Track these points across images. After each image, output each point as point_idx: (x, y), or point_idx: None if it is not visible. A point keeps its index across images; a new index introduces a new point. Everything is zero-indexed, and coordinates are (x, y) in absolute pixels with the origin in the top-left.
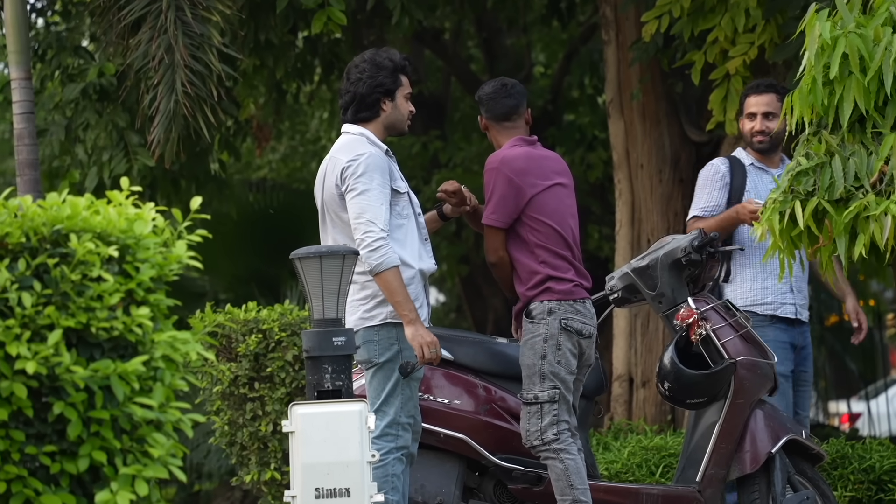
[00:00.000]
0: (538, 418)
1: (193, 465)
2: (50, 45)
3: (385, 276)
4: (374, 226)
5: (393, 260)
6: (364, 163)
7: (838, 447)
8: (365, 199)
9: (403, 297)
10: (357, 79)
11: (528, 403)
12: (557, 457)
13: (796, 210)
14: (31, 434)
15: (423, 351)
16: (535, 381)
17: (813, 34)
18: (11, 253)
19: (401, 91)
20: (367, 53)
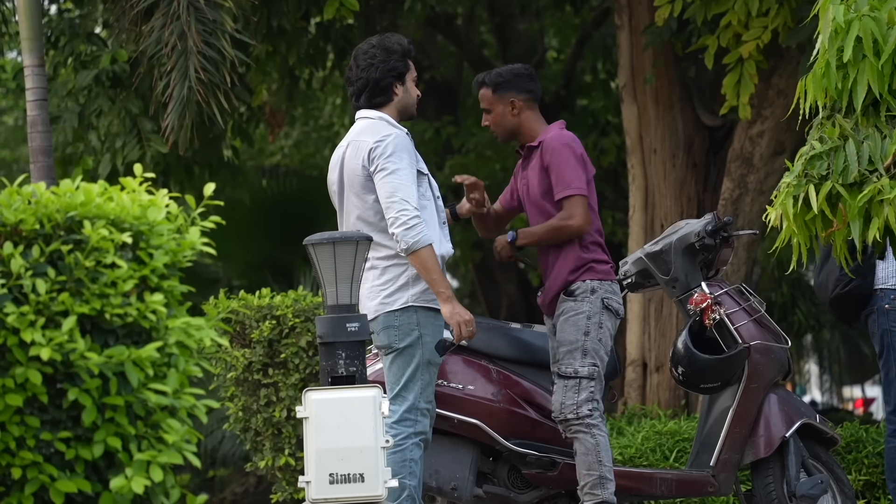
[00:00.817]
0: (575, 392)
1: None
2: (63, 31)
3: (421, 253)
4: (407, 204)
5: (428, 238)
6: (392, 143)
7: (852, 431)
8: (396, 178)
9: (439, 274)
10: (368, 64)
11: (565, 377)
12: (589, 431)
13: (810, 194)
14: (45, 420)
15: (461, 329)
16: (576, 356)
17: (826, 17)
18: (25, 240)
19: (409, 75)
20: (374, 39)
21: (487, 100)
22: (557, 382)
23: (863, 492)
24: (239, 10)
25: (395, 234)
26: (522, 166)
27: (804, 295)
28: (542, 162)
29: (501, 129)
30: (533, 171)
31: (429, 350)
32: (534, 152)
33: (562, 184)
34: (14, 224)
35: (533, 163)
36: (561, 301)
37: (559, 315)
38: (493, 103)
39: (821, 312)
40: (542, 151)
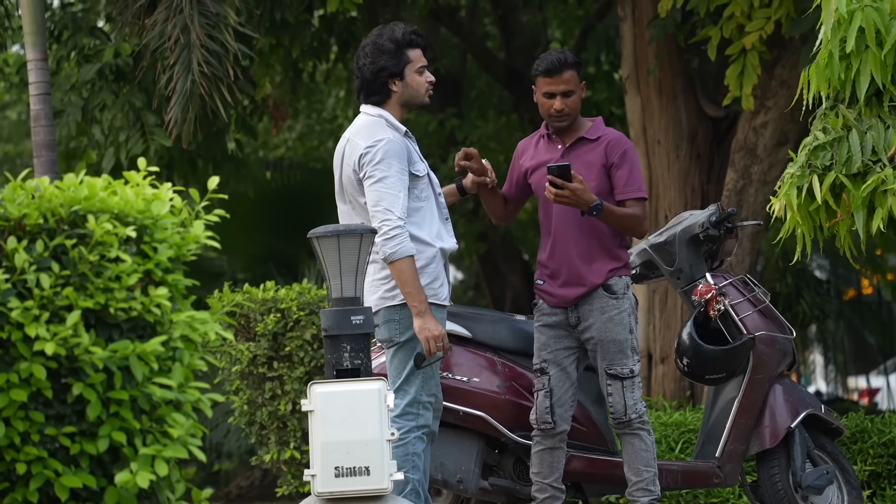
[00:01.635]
0: (631, 391)
1: (213, 444)
2: (66, 25)
3: (399, 265)
4: (391, 214)
5: (407, 249)
6: (382, 149)
7: (857, 421)
8: (383, 187)
9: (415, 287)
10: (362, 64)
11: (622, 378)
12: (645, 428)
13: (814, 184)
14: (50, 415)
15: (430, 345)
16: (627, 354)
17: (829, 8)
18: (29, 234)
19: (410, 67)
20: (373, 34)
21: (574, 81)
22: (613, 384)
23: (868, 482)
24: (242, 3)
25: (375, 243)
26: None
27: (809, 285)
28: (605, 158)
29: (576, 115)
30: (585, 162)
31: None
32: (586, 144)
33: (635, 184)
34: (18, 218)
35: (586, 155)
36: (598, 297)
37: (597, 312)
38: (577, 86)
39: (825, 302)
40: (611, 146)
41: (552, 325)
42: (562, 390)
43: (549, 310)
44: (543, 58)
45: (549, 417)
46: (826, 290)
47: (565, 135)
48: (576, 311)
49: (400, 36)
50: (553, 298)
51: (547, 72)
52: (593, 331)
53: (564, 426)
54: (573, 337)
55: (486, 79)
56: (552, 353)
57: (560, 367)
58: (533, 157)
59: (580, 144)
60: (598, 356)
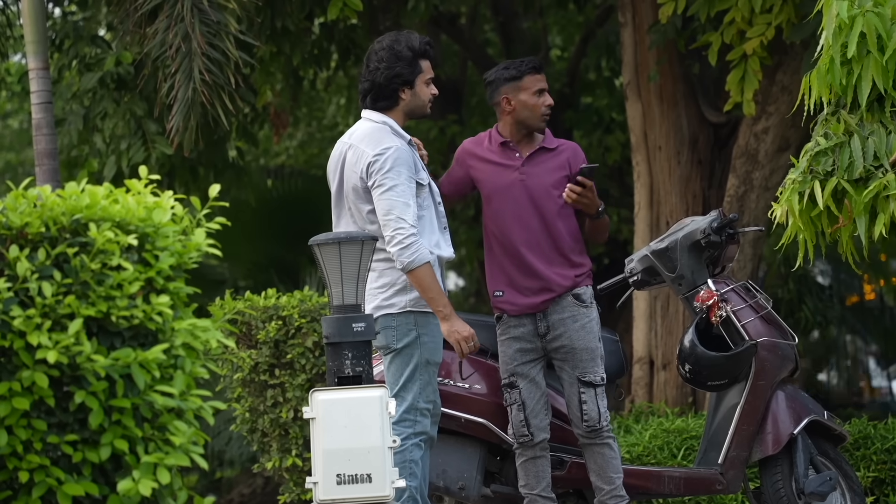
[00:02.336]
0: (603, 399)
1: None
2: (67, 34)
3: (417, 272)
4: (404, 222)
5: (424, 256)
6: (391, 157)
7: (860, 427)
8: (394, 195)
9: (437, 292)
10: (375, 68)
11: (594, 385)
12: (612, 435)
13: (816, 190)
14: (52, 423)
15: (461, 346)
16: (597, 362)
17: (830, 14)
18: (31, 243)
19: (420, 77)
20: (387, 39)
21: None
22: (587, 391)
23: (871, 488)
24: (243, 12)
25: (391, 252)
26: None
27: (811, 291)
28: (569, 167)
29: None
30: (545, 171)
31: (427, 350)
32: (546, 154)
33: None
34: (20, 227)
35: (547, 164)
36: (568, 306)
37: (569, 320)
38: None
39: (827, 308)
40: (573, 158)
41: (517, 336)
42: (533, 401)
43: (515, 321)
44: (520, 60)
45: (526, 430)
46: (828, 295)
47: (522, 144)
48: (545, 321)
49: (418, 45)
50: (515, 307)
51: (537, 68)
52: (565, 339)
53: (543, 435)
54: (538, 347)
55: None
56: (519, 366)
57: (528, 379)
58: (485, 163)
59: (540, 154)
60: (568, 364)
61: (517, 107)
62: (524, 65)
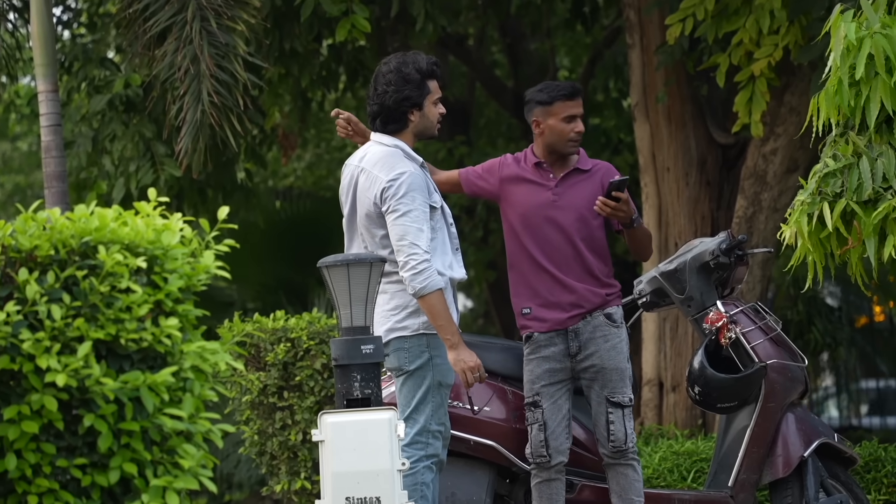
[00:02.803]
0: (630, 420)
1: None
2: (76, 57)
3: (429, 299)
4: (417, 248)
5: (437, 283)
6: (405, 183)
7: (871, 450)
8: (408, 221)
9: (446, 320)
10: (384, 91)
11: (622, 406)
12: (637, 458)
13: (825, 212)
14: (61, 447)
15: (467, 376)
16: (626, 383)
17: (838, 35)
18: (41, 266)
19: (429, 98)
20: (394, 61)
21: (583, 107)
22: (615, 412)
23: None
24: (251, 34)
25: (404, 277)
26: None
27: (820, 313)
28: (602, 187)
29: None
30: (579, 193)
31: (439, 372)
32: (579, 175)
33: (636, 211)
34: (29, 250)
35: (581, 185)
36: (600, 326)
37: (600, 340)
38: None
39: (837, 330)
40: (606, 178)
41: (548, 356)
42: (555, 423)
43: (546, 340)
44: (556, 84)
45: (545, 451)
46: (838, 317)
47: (556, 166)
48: (577, 340)
49: (425, 67)
50: (545, 324)
51: (570, 95)
52: (595, 359)
53: (560, 458)
54: (566, 368)
55: (495, 107)
56: (545, 386)
57: (553, 400)
58: (520, 181)
59: (573, 175)
60: (597, 384)
61: (546, 131)
62: (557, 90)
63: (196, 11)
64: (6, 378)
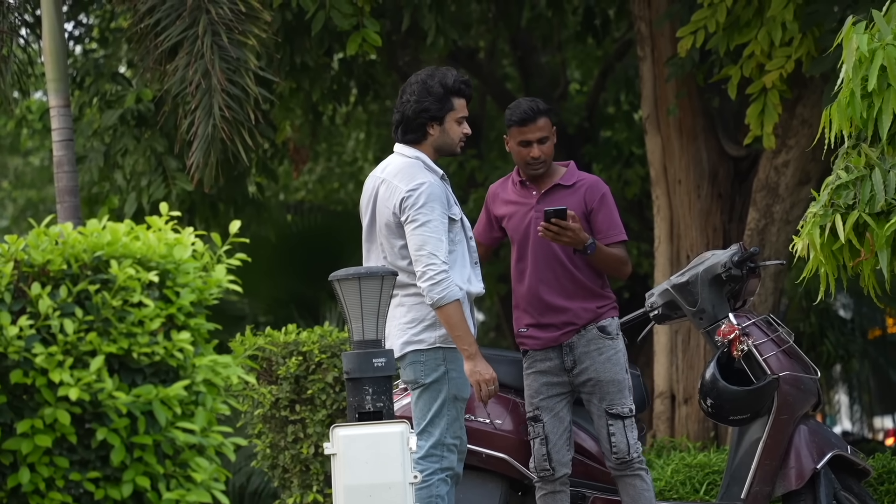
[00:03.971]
0: (632, 430)
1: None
2: (88, 72)
3: (446, 309)
4: (435, 258)
5: (454, 294)
6: (425, 193)
7: (884, 462)
8: (427, 231)
9: (464, 330)
10: (406, 100)
11: (622, 417)
12: (644, 467)
13: (837, 224)
14: (74, 461)
15: (481, 388)
16: (625, 394)
17: (850, 47)
18: (53, 280)
19: (451, 115)
20: (423, 73)
21: (548, 127)
22: (615, 423)
23: None
24: (262, 48)
25: (422, 287)
26: (534, 202)
27: (833, 325)
28: (584, 202)
29: (549, 162)
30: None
31: (455, 385)
32: (562, 191)
33: (616, 227)
34: (41, 265)
35: (562, 201)
36: (594, 339)
37: (594, 353)
38: (550, 132)
39: (850, 342)
40: (589, 192)
41: (544, 370)
42: (556, 436)
43: (542, 355)
44: (515, 107)
45: (547, 464)
46: (850, 329)
47: (540, 181)
48: (571, 354)
49: (451, 83)
50: (538, 342)
51: (521, 121)
52: (591, 372)
53: (564, 470)
54: (564, 382)
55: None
56: (544, 399)
57: (553, 413)
58: (507, 204)
59: (556, 191)
60: (596, 397)
61: (511, 150)
62: (510, 115)
63: (207, 26)
64: (19, 392)
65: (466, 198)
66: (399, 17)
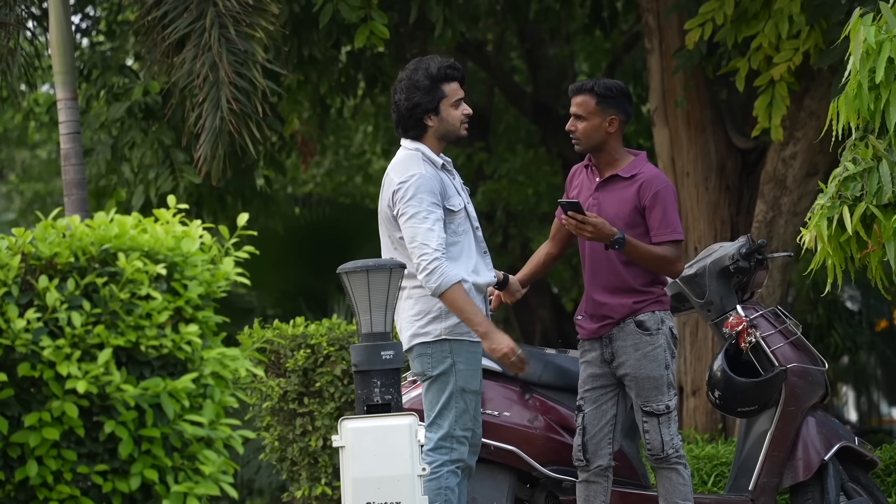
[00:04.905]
0: (667, 427)
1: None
2: (95, 64)
3: (448, 295)
4: (427, 248)
5: (452, 277)
6: (414, 185)
7: (892, 453)
8: (416, 222)
9: (472, 311)
10: (398, 99)
11: (658, 414)
12: (682, 462)
13: (844, 215)
14: (82, 453)
15: (506, 360)
16: (663, 391)
17: (857, 39)
18: (61, 273)
19: (445, 101)
20: (409, 68)
21: (586, 108)
22: (649, 421)
23: None
24: (270, 40)
25: (420, 279)
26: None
27: (840, 317)
28: (638, 197)
29: (587, 141)
30: (616, 201)
31: (462, 377)
32: (619, 182)
33: (670, 226)
34: (49, 257)
35: (618, 193)
36: (631, 333)
37: (630, 348)
38: (591, 113)
39: (857, 334)
40: (644, 187)
41: (590, 361)
42: (596, 428)
43: (588, 345)
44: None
45: (582, 455)
46: (858, 321)
47: (603, 168)
48: (610, 347)
49: (435, 71)
50: (584, 331)
51: (570, 92)
52: (628, 367)
53: (600, 462)
54: (608, 373)
55: (514, 112)
56: (588, 391)
57: (596, 405)
58: (576, 187)
59: (613, 181)
60: (633, 392)
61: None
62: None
63: (215, 19)
64: (27, 385)
65: (475, 190)
66: (407, 9)
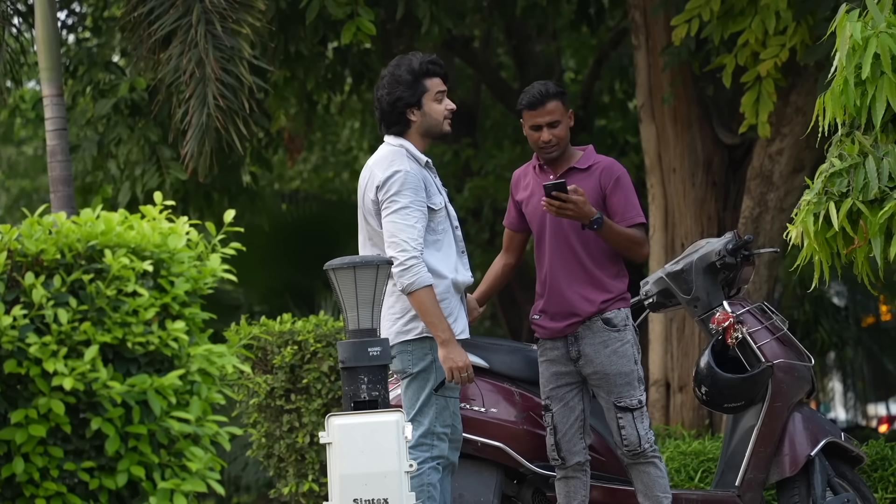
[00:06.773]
0: (641, 422)
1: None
2: (81, 61)
3: (417, 295)
4: (406, 244)
5: (425, 279)
6: (399, 180)
7: (878, 449)
8: (398, 218)
9: (437, 316)
10: (381, 95)
11: (632, 409)
12: (658, 455)
13: (831, 211)
14: (69, 450)
15: (454, 374)
16: (634, 385)
17: (844, 35)
18: (47, 270)
19: (427, 96)
20: (391, 65)
21: (559, 111)
22: (624, 416)
23: None
24: (256, 37)
25: (394, 273)
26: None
27: (827, 312)
28: (600, 185)
29: (563, 144)
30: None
31: (442, 374)
32: (578, 174)
33: (634, 209)
34: (35, 254)
35: (579, 185)
36: (599, 331)
37: (599, 346)
38: (562, 115)
39: (844, 329)
40: (604, 175)
41: (553, 359)
42: (566, 425)
43: (550, 343)
44: (526, 91)
45: (556, 454)
46: (844, 316)
47: (556, 165)
48: (576, 345)
49: (417, 66)
50: (545, 331)
51: (530, 105)
52: (597, 365)
53: (576, 458)
54: (573, 371)
55: (501, 109)
56: (554, 389)
57: (563, 403)
58: (526, 188)
59: (571, 174)
60: (604, 390)
61: (526, 135)
62: (521, 99)
63: (201, 15)
64: (13, 382)
65: (461, 186)
66: (393, 5)
